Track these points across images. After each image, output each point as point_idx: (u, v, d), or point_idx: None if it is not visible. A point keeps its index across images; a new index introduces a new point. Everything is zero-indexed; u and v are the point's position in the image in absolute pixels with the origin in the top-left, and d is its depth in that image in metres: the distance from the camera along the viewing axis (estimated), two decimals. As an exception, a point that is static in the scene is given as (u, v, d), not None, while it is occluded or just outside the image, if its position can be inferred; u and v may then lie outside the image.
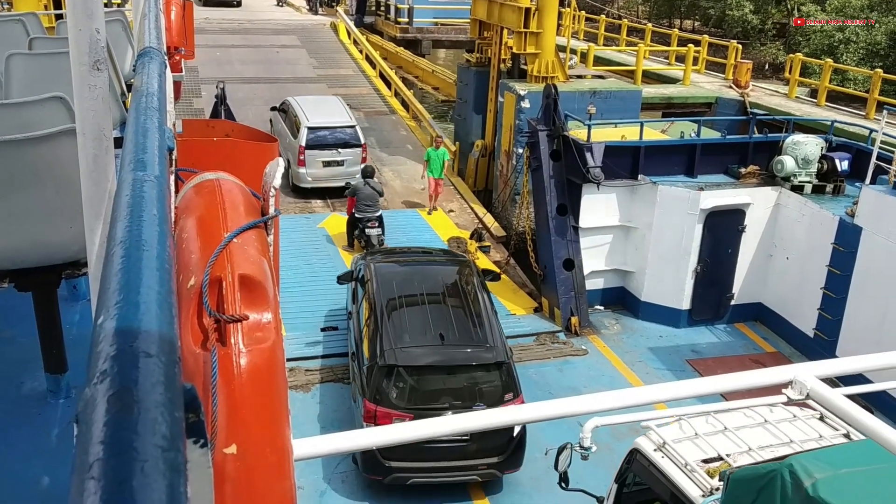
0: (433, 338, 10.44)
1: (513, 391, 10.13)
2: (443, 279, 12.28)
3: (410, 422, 2.80)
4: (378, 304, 10.95)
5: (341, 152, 19.60)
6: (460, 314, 11.02)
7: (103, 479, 0.81)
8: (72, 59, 2.41)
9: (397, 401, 9.85)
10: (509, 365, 10.29)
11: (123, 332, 1.09)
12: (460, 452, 9.93)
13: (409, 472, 9.98)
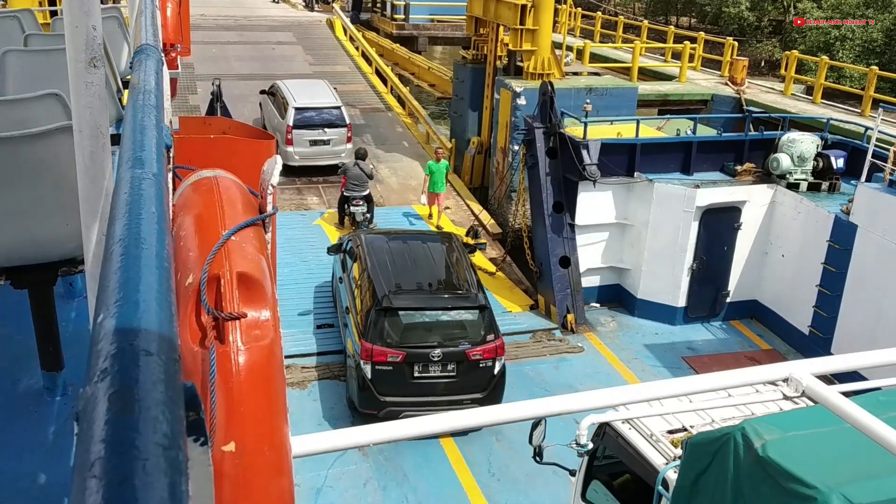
0: (422, 287, 11.67)
1: (493, 333, 11.27)
2: (428, 247, 13.20)
3: (409, 419, 2.81)
4: (370, 264, 11.91)
5: (327, 132, 20.58)
6: (445, 271, 12.33)
7: (105, 478, 0.81)
8: (68, 56, 2.41)
9: (391, 340, 10.94)
10: (490, 310, 11.45)
11: (123, 331, 1.09)
12: (448, 388, 11.00)
13: (401, 407, 10.88)
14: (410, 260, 12.38)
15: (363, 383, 10.97)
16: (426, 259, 12.61)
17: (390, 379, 10.94)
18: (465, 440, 11.06)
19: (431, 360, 10.98)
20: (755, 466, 4.96)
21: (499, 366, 11.23)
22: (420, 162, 22.63)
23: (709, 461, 5.45)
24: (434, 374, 11.02)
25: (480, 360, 11.13)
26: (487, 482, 10.52)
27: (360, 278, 11.96)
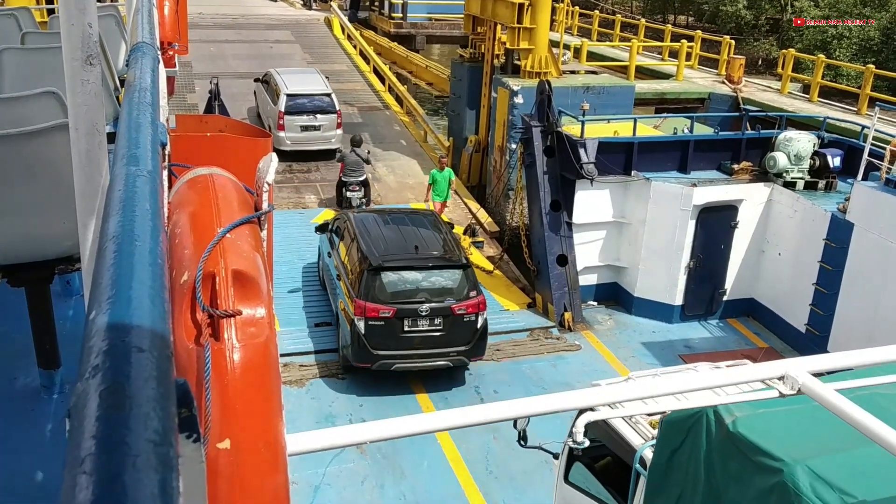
0: (409, 249, 12.61)
1: (475, 290, 12.45)
2: (411, 219, 14.18)
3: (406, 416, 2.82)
4: (360, 233, 12.91)
5: (318, 118, 21.44)
6: (429, 238, 13.25)
7: (95, 474, 0.82)
8: (64, 55, 2.41)
9: (382, 297, 11.96)
10: (472, 269, 12.72)
11: (116, 328, 1.09)
12: (435, 342, 12.04)
13: (392, 360, 11.99)
14: (396, 230, 13.42)
15: (357, 339, 11.89)
16: (410, 229, 13.52)
17: (382, 333, 11.88)
18: (462, 438, 11.08)
19: (420, 315, 11.95)
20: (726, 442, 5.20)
21: (481, 320, 12.37)
22: (418, 160, 22.62)
23: (682, 438, 5.72)
24: (422, 328, 12.01)
25: (464, 314, 12.17)
26: (485, 480, 10.53)
27: (350, 248, 12.93)
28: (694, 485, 5.71)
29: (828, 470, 4.72)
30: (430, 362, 12.25)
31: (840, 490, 4.58)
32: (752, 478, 5.11)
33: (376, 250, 12.33)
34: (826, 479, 4.68)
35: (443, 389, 12.49)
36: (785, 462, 4.83)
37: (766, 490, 4.92)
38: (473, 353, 12.37)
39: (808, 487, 4.70)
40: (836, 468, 4.75)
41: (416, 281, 12.21)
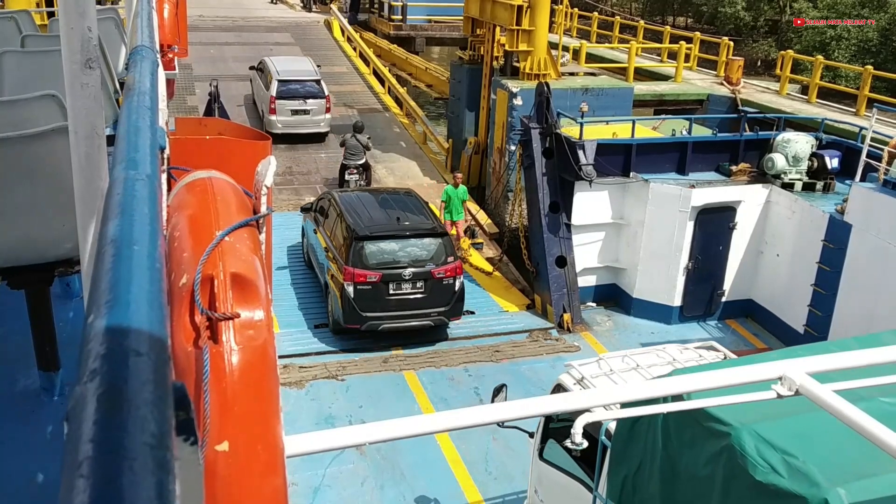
0: (392, 221, 13.71)
1: (453, 256, 13.65)
2: (392, 196, 15.39)
3: (406, 418, 2.83)
4: (345, 209, 13.93)
5: (308, 102, 22.67)
6: (409, 211, 14.26)
7: (92, 477, 0.82)
8: (63, 58, 2.42)
9: (369, 263, 13.06)
10: (449, 237, 14.01)
11: (113, 331, 1.10)
12: (418, 304, 13.27)
13: (380, 321, 13.14)
14: (378, 205, 14.53)
15: (347, 303, 13.01)
16: (392, 204, 14.69)
17: (370, 297, 13.01)
18: (462, 439, 11.08)
19: (403, 279, 13.14)
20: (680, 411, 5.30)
21: (458, 283, 13.60)
22: (417, 162, 22.63)
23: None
24: (406, 291, 13.21)
25: (443, 278, 13.39)
26: (484, 480, 10.53)
27: (336, 223, 13.97)
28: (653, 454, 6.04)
29: (772, 433, 5.02)
30: (413, 322, 13.41)
31: (783, 451, 4.87)
32: (703, 443, 5.40)
33: (362, 222, 13.46)
34: (770, 441, 4.97)
35: (442, 391, 12.50)
36: (732, 426, 5.14)
37: (716, 453, 5.24)
38: (452, 313, 13.70)
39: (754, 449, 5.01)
40: (780, 431, 5.04)
41: (399, 249, 13.34)
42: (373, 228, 13.32)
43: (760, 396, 3.90)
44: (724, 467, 5.20)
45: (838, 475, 4.72)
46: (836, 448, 4.84)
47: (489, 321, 14.97)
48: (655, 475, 6.00)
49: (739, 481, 5.08)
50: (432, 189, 21.08)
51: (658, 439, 5.91)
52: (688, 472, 5.61)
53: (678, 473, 5.72)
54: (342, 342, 13.71)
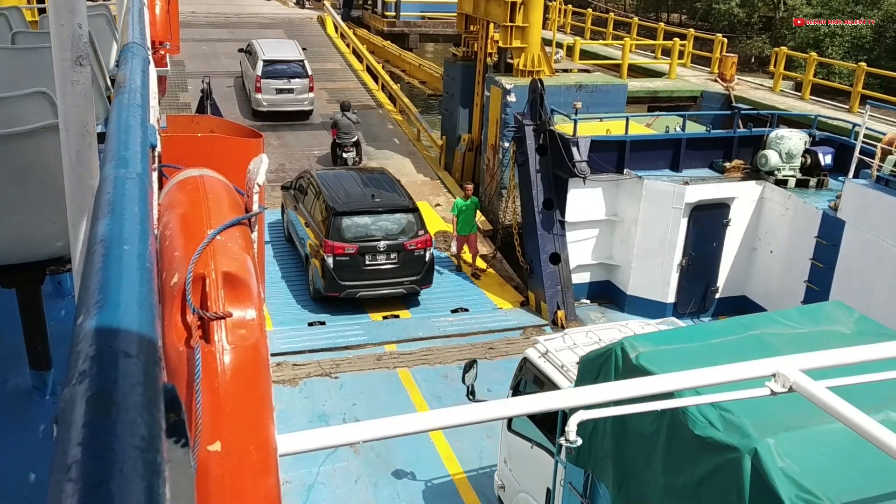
0: (367, 197, 14.79)
1: (423, 229, 14.73)
2: (367, 174, 16.60)
3: (400, 416, 2.82)
4: (324, 187, 14.95)
5: (292, 82, 24.06)
6: (383, 188, 15.41)
7: (81, 481, 0.82)
8: (54, 55, 2.40)
9: (346, 236, 14.11)
10: (419, 212, 14.99)
11: (103, 332, 1.09)
12: (391, 273, 14.35)
13: (357, 289, 14.22)
14: (355, 183, 15.59)
15: (327, 273, 14.01)
16: (367, 182, 15.74)
17: (347, 267, 14.04)
18: (456, 437, 11.08)
19: (378, 251, 14.21)
20: (629, 373, 5.97)
21: (428, 255, 14.65)
22: (411, 159, 22.61)
23: (597, 373, 6.57)
24: (380, 261, 14.29)
25: (415, 249, 14.45)
26: (479, 478, 10.54)
27: (315, 200, 14.99)
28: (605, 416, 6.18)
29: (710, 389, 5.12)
30: (388, 290, 14.48)
31: (720, 408, 5.30)
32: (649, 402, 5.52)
33: (339, 199, 14.53)
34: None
35: (436, 388, 12.49)
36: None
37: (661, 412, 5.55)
38: (423, 282, 14.77)
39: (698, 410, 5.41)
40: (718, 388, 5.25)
41: (374, 223, 14.38)
42: (349, 205, 14.40)
43: (754, 393, 3.91)
44: (667, 424, 5.62)
45: (769, 428, 5.09)
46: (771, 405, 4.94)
47: (483, 318, 14.97)
48: (608, 436, 6.46)
49: (681, 436, 5.51)
50: (426, 186, 21.07)
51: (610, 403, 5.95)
52: (636, 431, 6.05)
53: (627, 433, 6.18)
54: (337, 339, 13.70)
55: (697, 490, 5.38)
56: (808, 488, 4.74)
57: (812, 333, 6.87)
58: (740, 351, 6.15)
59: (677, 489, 5.58)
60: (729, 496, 5.07)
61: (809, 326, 7.10)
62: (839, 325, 7.35)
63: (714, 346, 6.43)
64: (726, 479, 5.12)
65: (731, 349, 6.28)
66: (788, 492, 4.77)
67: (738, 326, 6.88)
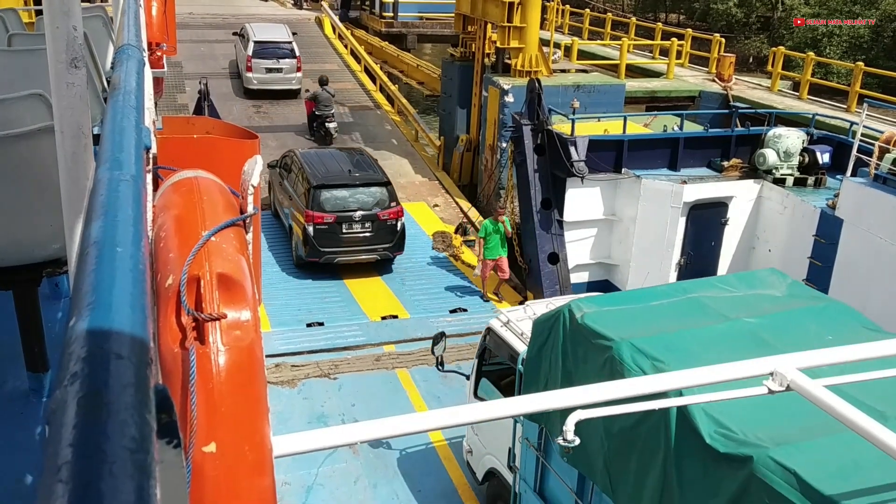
0: (345, 172, 16.30)
1: (395, 201, 16.17)
2: (345, 152, 18.13)
3: (398, 416, 2.82)
4: (306, 164, 16.50)
5: (281, 62, 25.75)
6: (358, 164, 16.89)
7: (71, 482, 0.82)
8: (49, 57, 2.40)
9: (325, 207, 15.51)
10: (392, 185, 16.49)
11: (95, 334, 1.09)
12: (366, 241, 15.73)
13: (335, 255, 15.59)
14: (333, 160, 17.06)
15: (308, 240, 15.40)
16: (344, 159, 17.17)
17: (327, 235, 15.41)
18: (454, 438, 11.08)
19: (354, 221, 15.58)
20: (576, 332, 6.69)
21: (400, 224, 15.97)
22: (409, 160, 22.61)
23: (547, 334, 7.16)
24: (356, 230, 15.64)
25: (388, 219, 15.80)
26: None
27: (298, 175, 16.54)
28: (555, 371, 7.06)
29: (645, 345, 6.10)
30: (363, 256, 15.86)
31: (653, 357, 5.92)
32: (592, 357, 6.46)
33: (319, 174, 16.01)
34: (643, 351, 6.03)
35: (435, 388, 12.49)
36: (614, 340, 6.23)
37: (601, 364, 6.28)
38: (395, 248, 16.09)
39: (630, 357, 6.06)
40: (652, 343, 6.13)
41: (350, 195, 15.80)
42: (328, 179, 15.87)
43: (751, 392, 3.91)
44: (607, 374, 6.13)
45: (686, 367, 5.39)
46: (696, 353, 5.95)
47: (482, 318, 14.95)
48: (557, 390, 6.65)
49: None
50: (424, 187, 21.07)
51: (559, 359, 6.94)
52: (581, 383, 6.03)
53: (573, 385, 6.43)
54: (335, 339, 13.70)
55: (633, 433, 5.93)
56: (726, 425, 5.21)
57: (746, 296, 7.31)
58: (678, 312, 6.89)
59: (615, 432, 6.14)
60: (658, 434, 5.65)
61: (745, 290, 7.51)
62: (772, 289, 7.72)
63: (654, 307, 7.00)
64: (657, 420, 5.66)
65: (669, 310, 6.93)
66: (708, 428, 5.26)
67: (678, 290, 7.45)
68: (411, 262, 16.81)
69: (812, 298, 7.72)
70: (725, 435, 5.16)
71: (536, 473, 8.11)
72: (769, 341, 6.21)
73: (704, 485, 5.33)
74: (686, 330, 6.48)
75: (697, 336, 6.38)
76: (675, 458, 5.54)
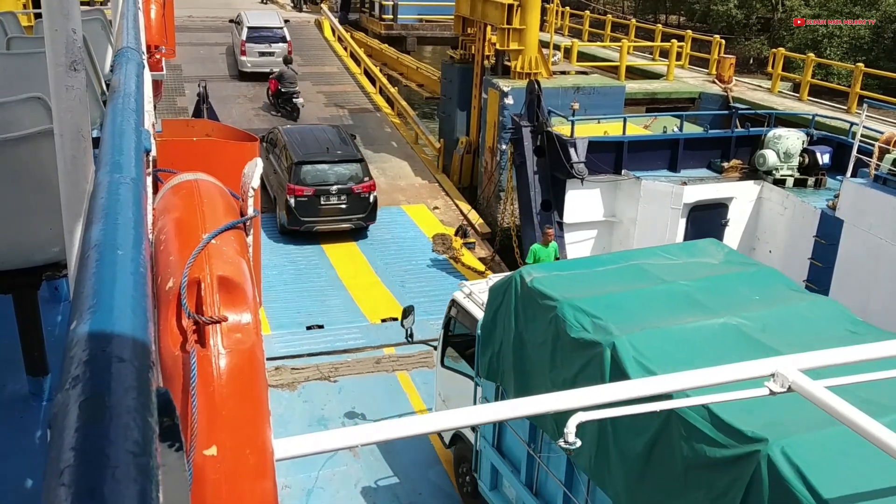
0: (323, 149, 17.89)
1: (368, 176, 17.80)
2: (324, 131, 19.35)
3: (399, 419, 2.82)
4: (288, 141, 18.13)
5: (273, 46, 27.53)
6: (336, 142, 18.43)
7: (74, 486, 0.81)
8: (48, 60, 2.40)
9: (305, 182, 17.14)
10: (366, 162, 18.24)
11: (96, 337, 1.09)
12: (342, 212, 17.38)
13: (313, 224, 17.19)
14: (313, 137, 18.56)
15: (290, 211, 17.00)
16: (323, 137, 18.64)
17: (306, 206, 17.06)
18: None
19: (331, 194, 17.22)
20: (526, 295, 7.43)
21: (372, 197, 17.62)
22: (409, 162, 22.60)
23: (501, 298, 7.89)
24: (333, 203, 17.27)
25: (361, 193, 17.45)
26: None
27: (282, 151, 18.13)
28: (507, 333, 7.76)
29: (587, 304, 6.83)
30: (339, 226, 17.47)
31: (593, 315, 6.67)
32: (540, 316, 7.15)
33: (300, 151, 17.62)
34: (584, 310, 6.76)
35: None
36: (558, 300, 6.97)
37: (547, 323, 7.00)
38: (367, 219, 17.71)
39: (572, 316, 6.77)
40: (593, 303, 6.87)
41: (328, 170, 17.45)
42: (308, 156, 17.48)
43: (753, 393, 3.90)
44: (552, 332, 6.93)
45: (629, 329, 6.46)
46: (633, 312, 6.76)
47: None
48: (509, 350, 7.73)
49: (562, 341, 6.82)
50: (424, 189, 21.07)
51: (511, 320, 7.64)
52: (531, 342, 7.35)
53: (524, 344, 7.49)
54: (335, 342, 13.69)
55: (574, 383, 6.53)
56: (650, 368, 5.96)
57: (684, 263, 7.95)
58: (620, 276, 7.62)
59: (559, 384, 6.72)
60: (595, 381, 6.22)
61: (683, 258, 8.14)
62: (709, 257, 8.30)
63: (598, 273, 7.76)
64: (594, 369, 6.41)
65: (612, 275, 7.67)
66: (635, 371, 6.00)
67: (621, 258, 8.24)
68: (411, 264, 16.80)
69: (744, 264, 8.30)
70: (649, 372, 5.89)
71: (494, 430, 8.83)
72: (701, 301, 7.01)
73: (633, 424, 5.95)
74: (625, 292, 7.20)
75: (635, 297, 7.12)
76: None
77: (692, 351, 6.18)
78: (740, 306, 6.91)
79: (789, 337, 6.32)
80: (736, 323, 6.55)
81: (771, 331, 6.52)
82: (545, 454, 7.73)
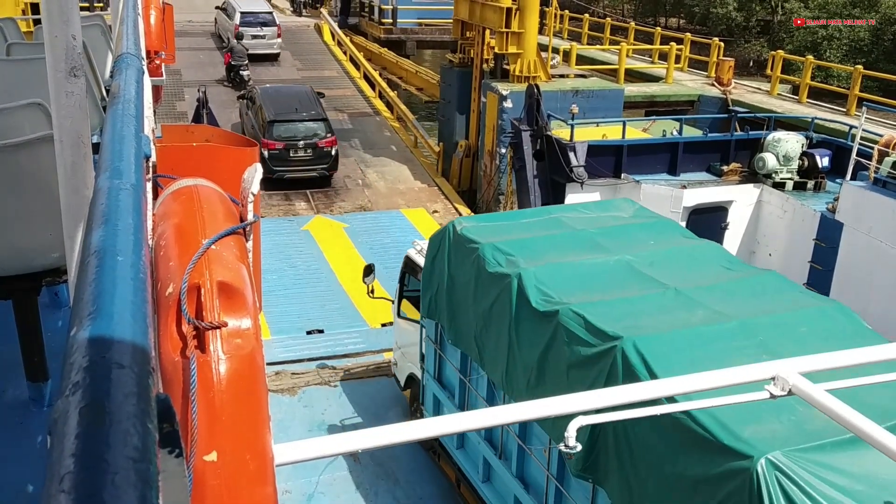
0: (293, 108, 20.95)
1: (331, 132, 20.92)
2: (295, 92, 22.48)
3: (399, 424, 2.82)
4: (262, 100, 21.22)
5: (263, 29, 30.62)
6: (305, 102, 21.53)
7: (74, 492, 0.81)
8: (48, 66, 2.40)
9: (276, 136, 20.21)
10: (329, 120, 21.40)
11: (96, 343, 1.09)
12: (308, 163, 20.52)
13: (283, 172, 20.24)
14: (285, 97, 21.64)
15: (263, 162, 18.25)
16: (294, 97, 21.74)
17: (278, 158, 20.15)
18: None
19: (298, 147, 20.35)
20: (456, 241, 8.79)
21: (334, 150, 20.79)
22: (409, 166, 22.62)
23: (438, 246, 9.23)
24: (300, 155, 20.46)
25: (324, 146, 20.57)
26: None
27: (258, 109, 21.24)
28: (442, 276, 9.05)
29: (504, 246, 8.17)
30: (305, 174, 20.52)
31: (507, 254, 7.99)
32: (466, 258, 8.44)
33: (273, 109, 20.74)
34: (501, 249, 8.09)
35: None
36: (480, 243, 8.31)
37: (471, 262, 8.32)
38: (330, 168, 20.87)
39: (490, 254, 8.08)
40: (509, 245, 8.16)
41: (296, 127, 20.52)
42: (279, 115, 20.53)
43: (753, 397, 3.90)
44: (475, 270, 8.23)
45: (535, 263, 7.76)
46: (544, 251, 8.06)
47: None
48: (444, 289, 9.02)
49: (482, 277, 8.10)
50: (423, 193, 21.08)
51: (445, 265, 8.93)
52: (460, 281, 8.65)
53: (455, 284, 8.79)
54: (335, 347, 13.68)
55: (490, 311, 7.93)
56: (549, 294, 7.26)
57: (597, 217, 9.33)
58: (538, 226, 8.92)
59: (480, 313, 8.13)
60: (505, 307, 7.64)
61: (598, 213, 9.54)
62: (620, 212, 9.61)
63: (520, 223, 9.05)
64: (505, 298, 7.65)
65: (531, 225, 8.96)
66: (535, 297, 7.30)
67: (543, 212, 9.96)
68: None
69: (647, 217, 9.65)
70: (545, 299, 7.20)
71: (435, 363, 10.02)
72: (602, 244, 8.36)
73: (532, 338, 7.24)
74: (539, 237, 8.52)
75: (547, 241, 8.42)
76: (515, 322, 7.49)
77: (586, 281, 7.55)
78: (634, 248, 8.28)
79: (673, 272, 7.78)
80: (628, 259, 7.92)
81: (657, 266, 7.87)
82: (474, 377, 8.95)
